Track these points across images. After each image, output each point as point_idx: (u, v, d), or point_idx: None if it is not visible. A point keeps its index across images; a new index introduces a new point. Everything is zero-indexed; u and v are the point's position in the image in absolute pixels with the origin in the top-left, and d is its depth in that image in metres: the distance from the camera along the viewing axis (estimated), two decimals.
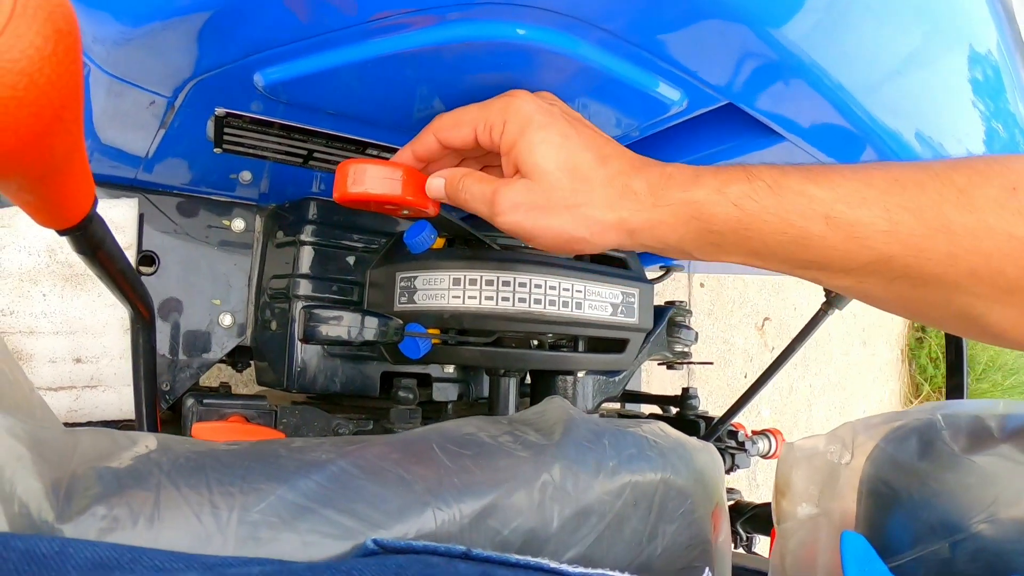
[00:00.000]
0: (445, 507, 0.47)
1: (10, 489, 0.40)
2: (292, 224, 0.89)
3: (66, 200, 0.41)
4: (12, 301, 0.83)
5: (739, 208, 0.51)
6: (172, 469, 0.44)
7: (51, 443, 0.43)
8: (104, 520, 0.40)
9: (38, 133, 0.32)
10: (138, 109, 0.66)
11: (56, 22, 0.31)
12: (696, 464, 0.65)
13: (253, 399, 0.84)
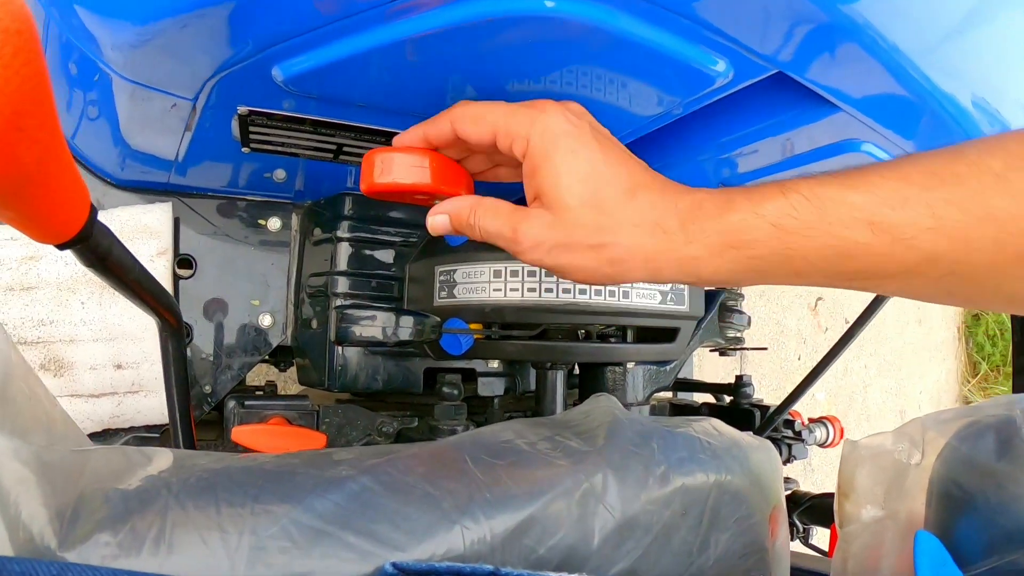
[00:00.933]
0: (474, 525, 0.43)
1: (15, 514, 0.37)
2: (328, 221, 0.86)
3: (53, 213, 0.38)
4: (51, 310, 0.81)
5: (779, 227, 0.48)
6: (181, 489, 0.40)
7: (58, 465, 0.40)
8: (108, 547, 0.37)
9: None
10: (162, 113, 0.63)
11: (1, 22, 0.27)
12: (752, 464, 0.59)
13: (295, 399, 0.81)
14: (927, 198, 0.45)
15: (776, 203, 0.48)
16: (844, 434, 1.10)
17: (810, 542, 1.10)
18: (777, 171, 0.80)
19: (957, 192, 0.44)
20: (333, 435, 0.82)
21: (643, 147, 0.77)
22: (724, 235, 0.49)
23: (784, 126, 0.71)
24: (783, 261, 0.48)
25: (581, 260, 0.52)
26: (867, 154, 0.73)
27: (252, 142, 0.70)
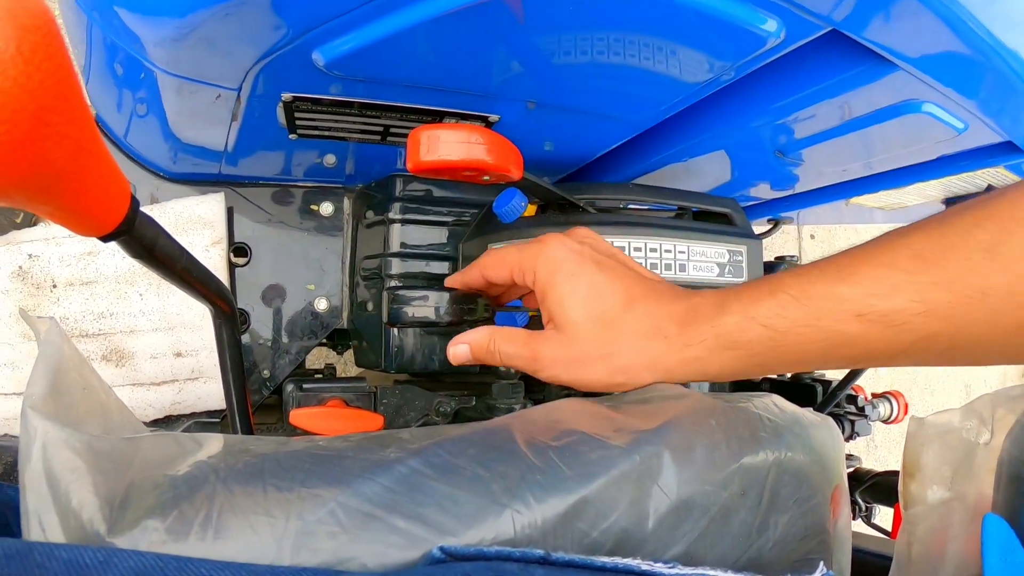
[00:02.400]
0: (525, 509, 0.41)
1: (66, 502, 0.37)
2: (380, 203, 0.85)
3: (93, 206, 0.37)
4: (111, 303, 0.82)
5: (770, 328, 0.50)
6: (229, 475, 0.40)
7: (109, 453, 0.40)
8: (156, 532, 0.36)
9: (16, 143, 0.28)
10: (208, 105, 0.63)
11: (17, 19, 0.27)
12: (813, 442, 0.57)
13: (352, 381, 0.81)
14: (915, 283, 0.46)
15: (766, 304, 0.50)
16: (908, 410, 1.06)
17: (873, 521, 1.06)
18: (836, 135, 0.77)
19: (944, 274, 0.45)
20: (391, 416, 0.82)
21: (696, 115, 0.75)
22: (720, 337, 0.52)
23: (840, 88, 0.68)
24: (780, 356, 0.51)
25: (594, 372, 0.56)
26: (928, 115, 0.69)
27: (299, 128, 0.69)
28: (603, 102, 0.70)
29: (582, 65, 0.61)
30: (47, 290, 0.83)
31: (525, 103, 0.68)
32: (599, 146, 0.82)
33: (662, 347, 0.53)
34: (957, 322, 0.45)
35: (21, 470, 0.39)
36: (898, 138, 0.79)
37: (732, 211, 0.86)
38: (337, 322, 0.91)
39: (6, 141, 0.27)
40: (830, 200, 1.02)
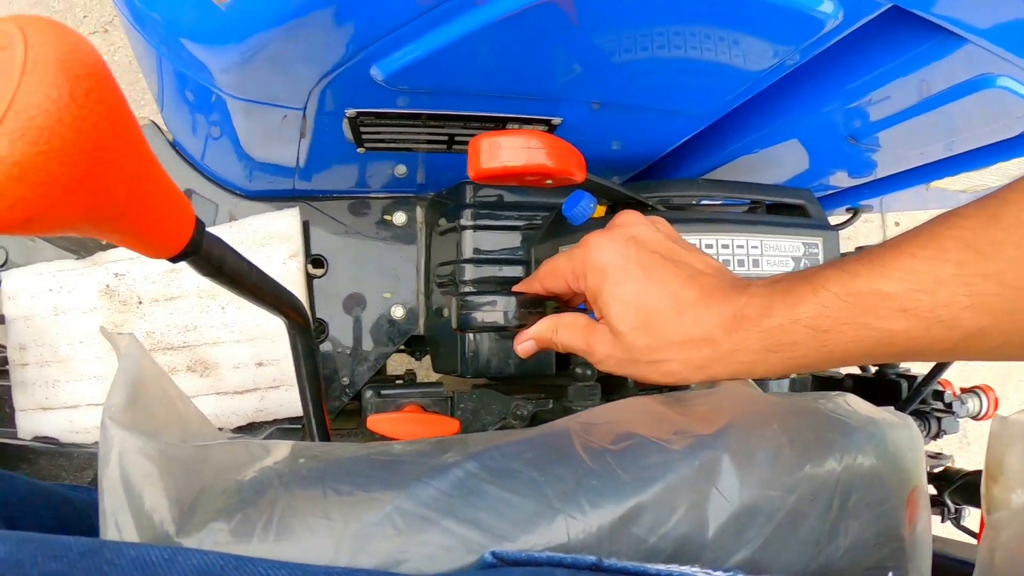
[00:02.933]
0: (579, 514, 0.42)
1: (140, 505, 0.40)
2: (452, 210, 0.86)
3: (158, 231, 0.40)
4: (194, 317, 0.86)
5: (814, 328, 0.48)
6: (292, 479, 0.42)
7: (181, 460, 0.42)
8: (221, 534, 0.39)
9: (76, 180, 0.30)
10: (276, 125, 0.65)
11: (69, 68, 0.29)
12: (888, 444, 0.55)
13: (430, 387, 0.82)
14: (963, 276, 0.43)
15: (809, 304, 0.48)
16: (999, 406, 1.01)
17: (963, 524, 1.01)
18: (910, 116, 0.75)
19: (994, 264, 0.42)
20: (468, 420, 0.82)
21: (763, 103, 0.74)
22: (765, 340, 0.50)
23: (909, 67, 0.65)
24: (824, 355, 0.49)
25: (644, 372, 0.55)
26: (1004, 89, 0.66)
27: (366, 142, 0.71)
28: (667, 97, 0.69)
29: (642, 62, 0.61)
30: (133, 306, 0.87)
31: (589, 104, 0.69)
32: (667, 142, 0.81)
33: (709, 353, 0.52)
34: (1007, 316, 0.43)
35: (100, 475, 0.42)
36: (975, 116, 0.75)
37: (807, 202, 0.83)
38: (414, 329, 0.93)
39: (67, 180, 0.30)
40: (910, 185, 0.98)
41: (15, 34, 0.29)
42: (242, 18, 0.49)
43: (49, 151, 0.28)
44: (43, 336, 0.90)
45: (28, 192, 0.29)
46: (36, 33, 0.29)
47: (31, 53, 0.28)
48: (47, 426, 0.91)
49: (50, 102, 0.28)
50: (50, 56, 0.29)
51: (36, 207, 0.29)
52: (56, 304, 0.89)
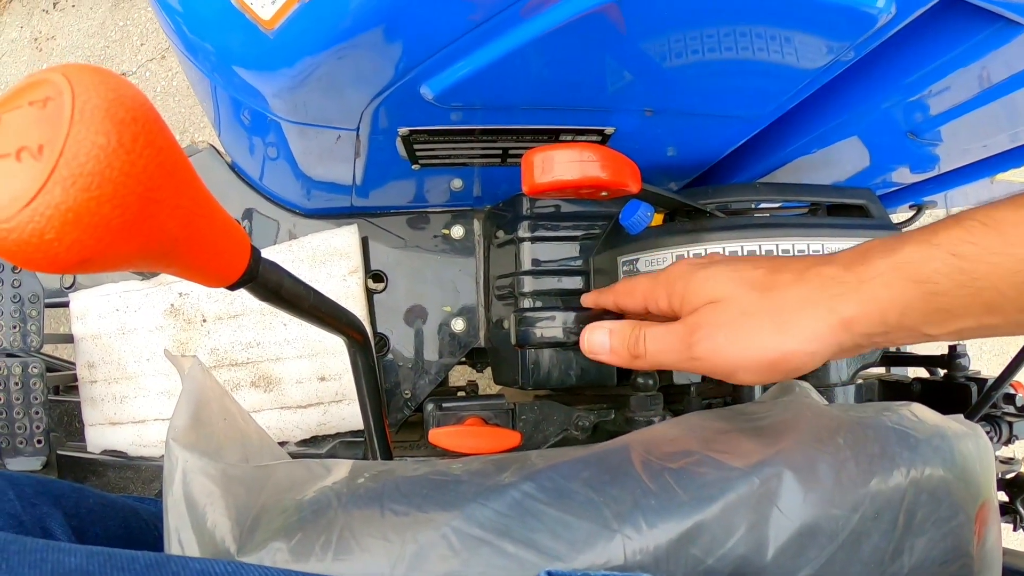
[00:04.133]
0: (636, 534, 0.42)
1: (202, 523, 0.42)
2: (509, 223, 0.87)
3: (214, 262, 0.41)
4: (257, 334, 0.89)
5: (958, 256, 0.43)
6: (350, 499, 0.43)
7: (242, 480, 0.44)
8: (280, 553, 0.40)
9: (129, 221, 0.32)
10: (330, 145, 0.68)
11: (115, 115, 0.31)
12: (956, 456, 0.53)
13: (491, 399, 0.83)
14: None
15: (951, 232, 0.43)
16: None
17: None
18: (972, 108, 0.73)
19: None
20: (529, 432, 0.84)
21: (820, 101, 0.73)
22: (900, 269, 0.45)
23: (967, 57, 0.64)
24: (971, 295, 0.43)
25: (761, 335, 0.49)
26: None
27: (420, 159, 0.73)
28: (720, 102, 0.69)
29: (692, 67, 0.61)
30: (198, 324, 0.91)
31: (642, 111, 0.69)
32: (724, 146, 0.81)
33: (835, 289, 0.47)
34: None
35: (164, 493, 0.45)
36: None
37: (868, 202, 0.82)
38: (475, 341, 0.95)
39: (121, 222, 0.31)
40: (975, 179, 0.95)
41: (62, 83, 0.31)
42: (291, 44, 0.52)
43: (101, 196, 0.30)
44: (111, 354, 0.94)
45: (83, 235, 0.31)
46: (82, 82, 0.31)
47: (78, 102, 0.30)
48: (115, 440, 0.96)
49: (99, 149, 0.30)
50: (97, 104, 0.31)
51: (91, 249, 0.31)
52: (123, 323, 0.93)
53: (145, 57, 2.43)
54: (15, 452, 0.91)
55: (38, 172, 0.29)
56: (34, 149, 0.30)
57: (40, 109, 0.30)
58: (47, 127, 0.30)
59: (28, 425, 0.91)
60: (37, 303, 0.93)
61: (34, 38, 2.67)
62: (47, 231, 0.30)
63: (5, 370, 0.90)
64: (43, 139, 0.30)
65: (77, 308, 0.96)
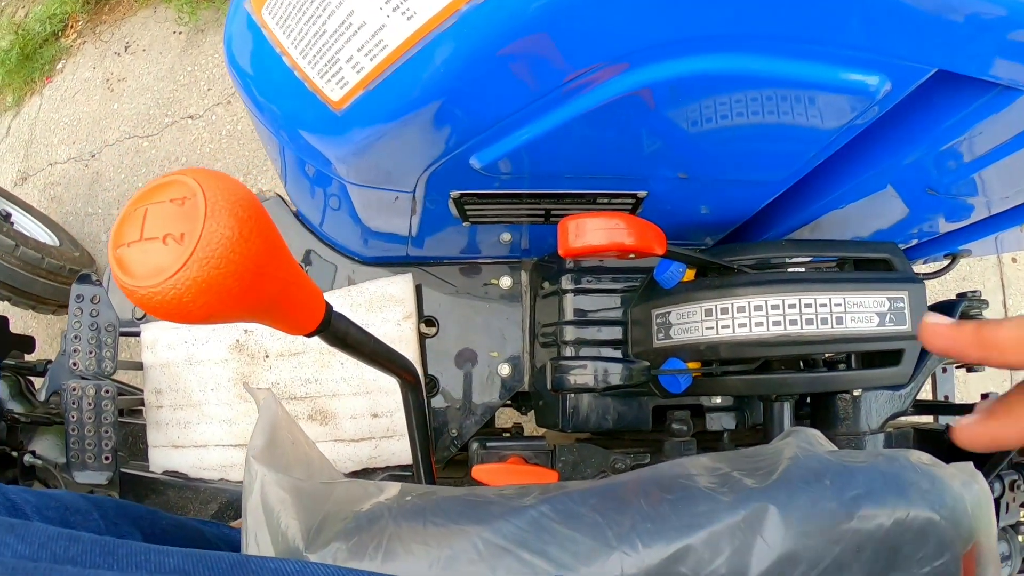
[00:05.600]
0: (632, 551, 0.54)
1: (276, 526, 0.56)
2: (554, 275, 1.00)
3: (299, 316, 0.56)
4: (316, 371, 1.04)
5: None
6: (399, 512, 0.57)
7: (310, 493, 0.59)
8: (340, 552, 0.54)
9: (244, 289, 0.46)
10: (389, 203, 0.81)
11: (237, 213, 0.45)
12: (947, 499, 0.61)
13: (533, 440, 0.95)
14: None
15: None
16: None
17: None
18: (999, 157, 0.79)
19: None
20: (567, 473, 0.95)
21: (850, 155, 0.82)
22: None
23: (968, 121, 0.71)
24: None
25: None
26: None
27: (470, 216, 0.87)
28: (746, 168, 0.80)
29: (717, 138, 0.72)
30: (260, 359, 1.07)
31: (675, 176, 0.81)
32: (755, 204, 0.91)
33: None
34: None
35: (244, 501, 0.60)
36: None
37: (891, 255, 0.89)
38: (520, 385, 1.08)
39: (238, 290, 0.46)
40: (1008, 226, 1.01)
41: (195, 187, 0.45)
42: (356, 122, 0.65)
43: (226, 272, 0.44)
44: (177, 382, 1.11)
45: (211, 299, 0.45)
46: (211, 186, 0.45)
47: (209, 203, 0.45)
48: (178, 462, 1.12)
49: (226, 239, 0.44)
50: (223, 205, 0.45)
51: (216, 309, 0.46)
52: (190, 355, 1.10)
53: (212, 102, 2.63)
54: (83, 466, 1.07)
55: (180, 253, 0.44)
56: (176, 236, 0.44)
57: (179, 206, 0.45)
58: (186, 221, 0.44)
59: (97, 443, 1.06)
60: (112, 332, 1.10)
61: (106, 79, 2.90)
62: (184, 296, 0.44)
63: (80, 392, 1.06)
64: (184, 229, 0.44)
65: (148, 338, 1.13)
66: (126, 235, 0.46)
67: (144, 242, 0.45)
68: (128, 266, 0.45)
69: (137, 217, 0.46)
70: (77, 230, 2.71)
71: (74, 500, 0.73)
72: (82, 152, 2.87)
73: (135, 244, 0.45)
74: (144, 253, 0.45)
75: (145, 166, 2.71)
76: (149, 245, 0.45)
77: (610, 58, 0.60)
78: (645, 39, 0.59)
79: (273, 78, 0.67)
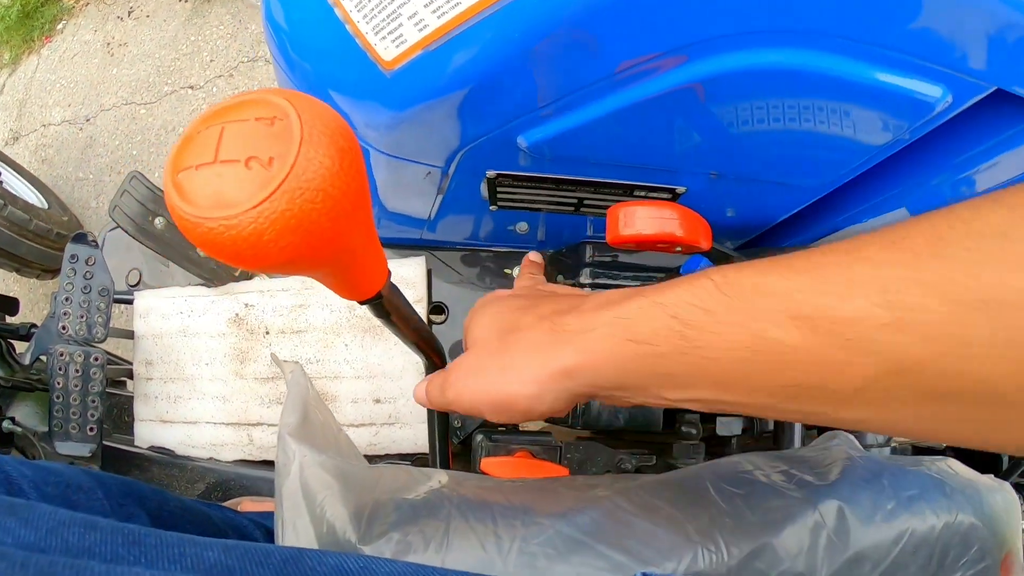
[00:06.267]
0: (714, 548, 0.47)
1: (320, 512, 0.46)
2: (571, 268, 0.92)
3: (363, 279, 0.47)
4: (319, 351, 0.94)
5: (680, 320, 0.38)
6: (462, 503, 0.48)
7: (356, 476, 0.49)
8: (399, 544, 0.45)
9: (336, 233, 0.37)
10: (416, 180, 0.73)
11: (338, 142, 0.36)
12: (986, 507, 0.59)
13: (540, 435, 0.88)
14: (882, 278, 0.32)
15: (681, 291, 0.39)
16: None
17: None
18: None
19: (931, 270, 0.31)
20: (574, 470, 0.88)
21: (874, 177, 0.78)
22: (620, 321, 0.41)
23: (1017, 139, 0.68)
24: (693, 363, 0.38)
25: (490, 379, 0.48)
26: None
27: (500, 200, 0.79)
28: (784, 171, 0.75)
29: (760, 133, 0.67)
30: (260, 335, 0.96)
31: (708, 174, 0.75)
32: (781, 211, 0.87)
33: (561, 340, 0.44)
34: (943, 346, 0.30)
35: (278, 485, 0.49)
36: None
37: None
38: None
39: (330, 233, 0.37)
40: None
41: (287, 107, 0.36)
42: (406, 86, 0.57)
43: (321, 209, 0.35)
44: (170, 354, 0.99)
45: (298, 240, 0.35)
46: (307, 108, 0.36)
47: (306, 126, 0.35)
48: (165, 438, 1.01)
49: (324, 169, 0.35)
50: (322, 130, 0.36)
51: (300, 252, 0.36)
52: (185, 326, 0.99)
53: (214, 73, 2.50)
54: (66, 436, 0.95)
55: (267, 180, 0.34)
56: (264, 160, 0.34)
57: (268, 126, 0.35)
58: (277, 143, 0.35)
59: (83, 412, 0.95)
60: (106, 296, 0.98)
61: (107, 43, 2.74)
62: (267, 232, 0.34)
63: (68, 357, 0.94)
64: (273, 152, 0.34)
65: (141, 306, 1.02)
66: (194, 156, 0.35)
67: (219, 164, 0.35)
68: (193, 193, 0.35)
69: (211, 136, 0.35)
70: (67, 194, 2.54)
71: (76, 476, 0.61)
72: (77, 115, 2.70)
73: (206, 167, 0.35)
74: (219, 178, 0.34)
75: (141, 134, 2.55)
76: (226, 169, 0.34)
77: (669, 48, 0.55)
78: (706, 31, 0.54)
79: (315, 33, 0.59)
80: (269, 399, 0.97)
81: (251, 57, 2.47)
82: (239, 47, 2.51)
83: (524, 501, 0.49)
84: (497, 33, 0.53)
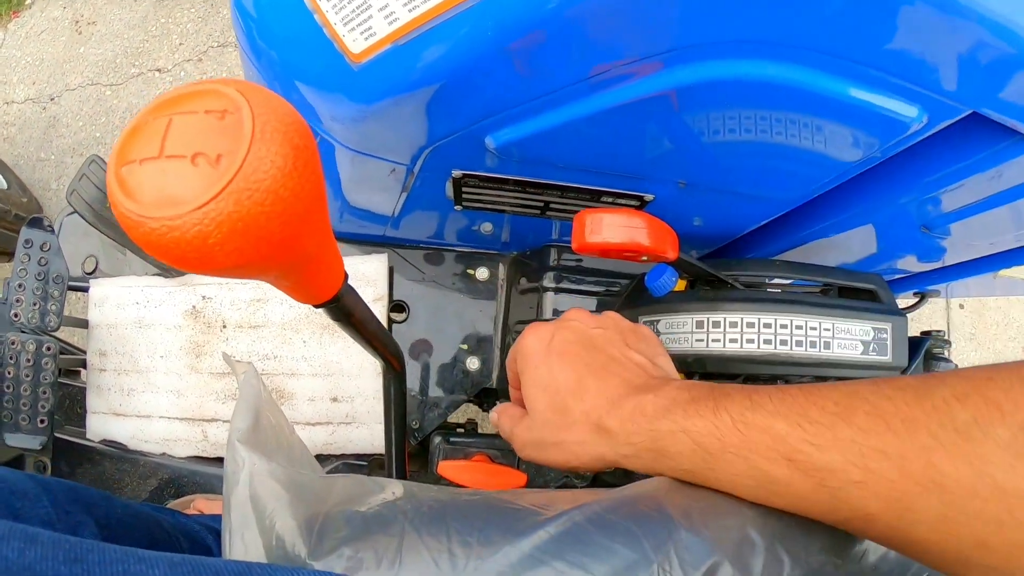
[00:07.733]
0: (669, 565, 0.45)
1: (269, 524, 0.43)
2: (534, 271, 0.91)
3: (318, 283, 0.44)
4: (276, 347, 0.91)
5: (701, 447, 0.47)
6: (416, 517, 0.46)
7: (308, 486, 0.46)
8: (350, 560, 0.42)
9: (287, 237, 0.34)
10: (380, 176, 0.70)
11: (292, 140, 0.33)
12: None
13: (498, 438, 0.86)
14: (861, 444, 0.39)
15: (703, 421, 0.47)
16: None
17: None
18: (985, 209, 0.78)
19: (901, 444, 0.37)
20: (532, 475, 0.86)
21: (843, 193, 0.78)
22: (655, 443, 0.50)
23: (986, 163, 0.68)
24: (712, 477, 0.48)
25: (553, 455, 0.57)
26: None
27: (464, 200, 0.76)
28: (754, 184, 0.74)
29: (730, 144, 0.66)
30: (217, 329, 0.92)
31: (677, 183, 0.73)
32: (749, 223, 0.85)
33: (605, 441, 0.53)
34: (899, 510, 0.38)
35: (226, 493, 0.46)
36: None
37: (877, 287, 0.86)
38: (487, 381, 0.97)
39: (280, 237, 0.34)
40: (978, 273, 1.01)
41: (239, 100, 0.33)
42: (374, 80, 0.55)
43: (271, 212, 0.32)
44: (124, 345, 0.95)
45: (245, 244, 0.32)
46: (260, 102, 0.33)
47: (258, 121, 0.32)
48: (117, 431, 0.97)
49: (276, 169, 0.32)
50: (276, 126, 0.33)
51: (248, 257, 0.33)
52: (141, 317, 0.95)
53: (182, 57, 2.43)
54: (15, 428, 0.91)
55: (214, 179, 0.31)
56: (211, 157, 0.31)
57: (218, 120, 0.32)
58: (226, 138, 0.32)
59: (33, 403, 0.91)
60: (61, 284, 0.94)
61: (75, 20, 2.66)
62: (212, 235, 0.31)
63: (19, 346, 0.90)
64: (221, 149, 0.31)
65: (97, 294, 0.98)
66: (139, 149, 0.32)
67: (164, 160, 0.32)
68: (136, 189, 0.32)
69: (157, 128, 0.32)
70: (27, 175, 2.44)
71: (20, 481, 0.57)
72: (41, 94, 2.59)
73: (150, 162, 0.32)
74: (163, 175, 0.31)
75: (105, 115, 2.45)
76: (171, 165, 0.31)
77: (645, 54, 0.54)
78: (682, 38, 0.53)
79: (283, 21, 0.57)
80: (225, 395, 0.93)
81: (221, 42, 2.42)
82: (209, 31, 2.45)
83: (480, 516, 0.46)
84: (470, 30, 0.51)
